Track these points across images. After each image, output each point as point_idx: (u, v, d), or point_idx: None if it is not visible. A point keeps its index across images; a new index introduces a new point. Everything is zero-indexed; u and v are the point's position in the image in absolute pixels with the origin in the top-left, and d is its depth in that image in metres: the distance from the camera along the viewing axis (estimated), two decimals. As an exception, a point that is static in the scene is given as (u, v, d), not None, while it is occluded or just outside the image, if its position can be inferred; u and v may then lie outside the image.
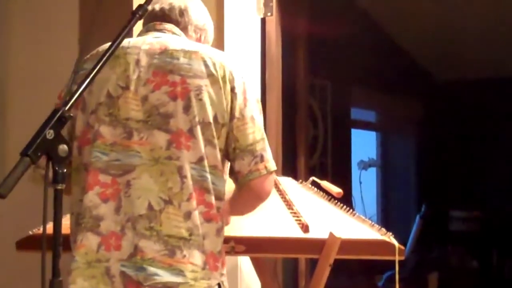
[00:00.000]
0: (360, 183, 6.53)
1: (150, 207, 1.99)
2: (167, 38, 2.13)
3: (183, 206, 1.99)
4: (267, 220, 2.42)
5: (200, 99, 2.01)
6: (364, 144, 7.29)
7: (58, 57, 3.21)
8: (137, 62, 2.06)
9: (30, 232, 2.44)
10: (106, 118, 2.03)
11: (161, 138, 2.01)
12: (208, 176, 2.02)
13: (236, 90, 2.05)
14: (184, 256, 1.98)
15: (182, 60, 2.04)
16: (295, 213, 2.47)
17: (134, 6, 1.89)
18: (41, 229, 1.61)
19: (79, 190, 2.06)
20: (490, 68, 6.79)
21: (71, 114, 1.66)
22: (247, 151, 2.05)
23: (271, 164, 2.08)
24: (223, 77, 2.04)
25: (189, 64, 2.04)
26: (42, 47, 3.35)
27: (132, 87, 2.03)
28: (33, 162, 1.55)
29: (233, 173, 2.09)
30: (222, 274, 2.06)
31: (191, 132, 2.00)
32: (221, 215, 2.06)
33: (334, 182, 2.76)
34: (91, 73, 1.76)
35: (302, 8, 4.67)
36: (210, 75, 2.03)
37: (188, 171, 2.00)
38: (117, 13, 2.56)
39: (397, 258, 2.33)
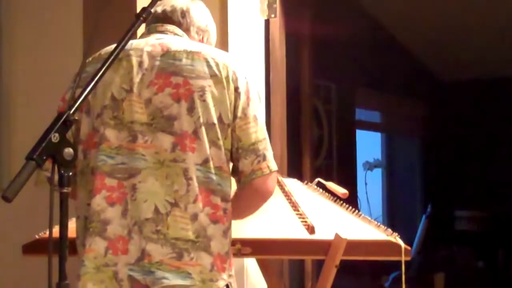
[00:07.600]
0: (366, 184, 6.52)
1: (156, 210, 1.98)
2: (169, 39, 2.12)
3: (189, 208, 1.98)
4: (273, 222, 2.42)
5: (204, 100, 2.01)
6: (369, 145, 7.29)
7: (62, 61, 3.21)
8: (140, 64, 2.05)
9: (36, 236, 2.44)
10: (111, 121, 2.03)
11: (165, 140, 2.00)
12: (214, 177, 2.01)
13: (240, 90, 2.05)
14: (192, 258, 1.98)
15: (185, 61, 2.04)
16: (300, 214, 2.47)
17: (138, 10, 1.88)
18: (47, 232, 1.61)
19: (85, 194, 2.05)
20: (495, 68, 6.79)
21: (76, 118, 1.66)
22: (250, 150, 2.05)
23: (273, 164, 2.08)
24: (227, 77, 2.04)
25: (192, 65, 2.03)
26: (46, 50, 3.35)
27: (135, 90, 2.03)
28: (39, 166, 1.55)
29: (236, 173, 2.08)
30: (230, 275, 2.06)
31: (195, 133, 2.00)
32: (228, 216, 2.05)
33: (339, 183, 2.75)
34: (95, 76, 1.76)
35: (306, 9, 4.66)
36: (213, 76, 2.03)
37: (193, 173, 1.99)
38: (121, 17, 2.57)
39: (403, 258, 2.33)
